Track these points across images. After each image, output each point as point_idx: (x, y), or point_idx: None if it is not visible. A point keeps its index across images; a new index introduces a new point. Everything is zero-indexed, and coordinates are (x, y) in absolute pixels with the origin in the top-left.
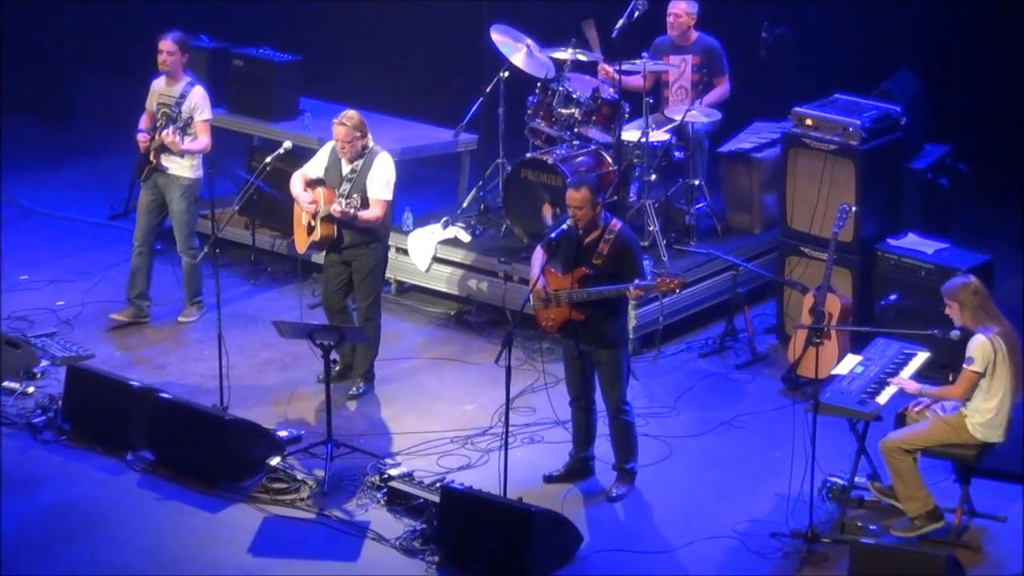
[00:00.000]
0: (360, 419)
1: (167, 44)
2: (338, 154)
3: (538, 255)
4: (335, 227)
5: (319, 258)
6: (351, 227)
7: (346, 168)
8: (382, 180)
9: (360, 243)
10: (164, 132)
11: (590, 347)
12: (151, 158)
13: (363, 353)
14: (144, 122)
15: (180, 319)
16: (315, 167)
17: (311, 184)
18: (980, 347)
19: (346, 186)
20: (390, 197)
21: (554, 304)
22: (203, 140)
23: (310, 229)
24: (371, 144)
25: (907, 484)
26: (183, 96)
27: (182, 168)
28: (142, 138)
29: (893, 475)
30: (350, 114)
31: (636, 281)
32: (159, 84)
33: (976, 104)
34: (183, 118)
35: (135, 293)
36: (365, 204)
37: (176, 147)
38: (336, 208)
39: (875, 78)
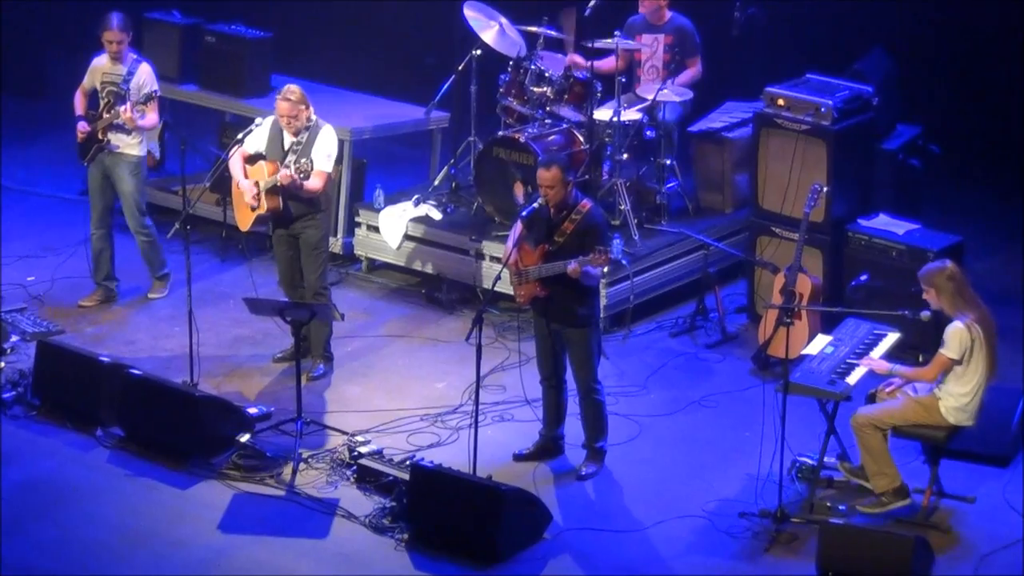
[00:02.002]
0: (330, 396)
1: (115, 34)
2: (280, 128)
3: (516, 228)
4: (280, 199)
5: None
6: (296, 198)
7: (289, 140)
8: (325, 152)
9: (306, 213)
10: (121, 108)
11: (560, 326)
12: (99, 136)
13: (317, 332)
14: (79, 104)
15: (150, 295)
16: (254, 141)
17: (250, 159)
18: (957, 334)
19: (291, 157)
20: (331, 170)
21: (524, 280)
22: (153, 117)
23: (255, 202)
24: (314, 117)
25: (876, 460)
26: (131, 73)
27: (129, 146)
28: (82, 127)
29: (863, 450)
30: (292, 88)
31: (576, 258)
32: (101, 61)
33: (948, 85)
34: (138, 94)
35: (101, 276)
36: (309, 175)
37: (132, 124)
38: (284, 174)
39: (847, 58)
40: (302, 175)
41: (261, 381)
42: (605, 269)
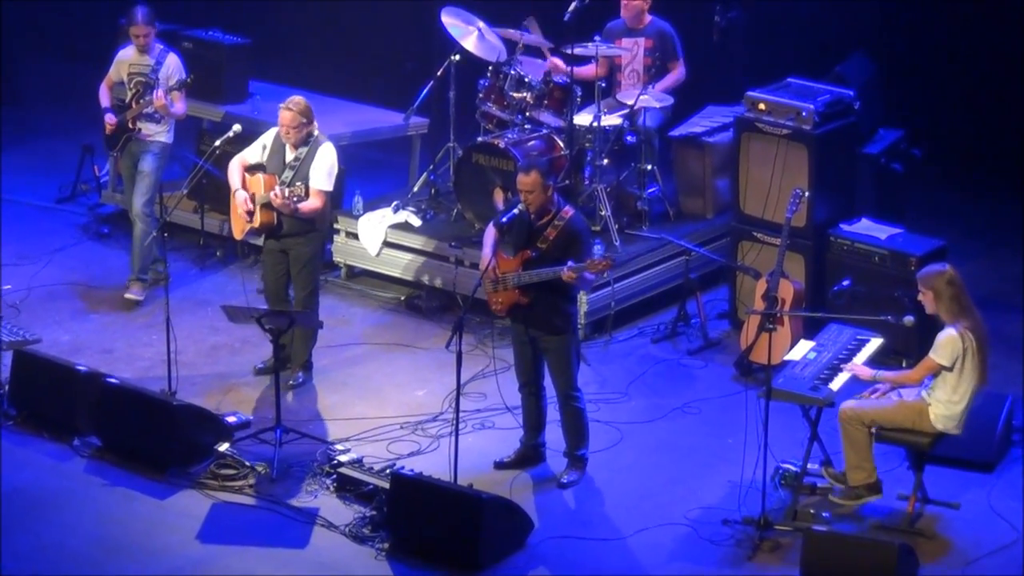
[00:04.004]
0: (309, 405)
1: (141, 28)
2: (282, 140)
3: (490, 234)
4: (275, 214)
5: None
6: (291, 216)
7: (290, 155)
8: (324, 170)
9: (298, 232)
10: (154, 95)
11: (538, 332)
12: (129, 125)
13: (302, 342)
14: (105, 96)
15: (126, 295)
16: (255, 152)
17: (250, 170)
18: (949, 342)
19: (289, 173)
20: (331, 188)
21: (502, 287)
22: (181, 105)
23: (249, 215)
24: (316, 132)
25: (857, 453)
26: (159, 63)
27: (158, 133)
28: (110, 119)
29: (845, 442)
30: (297, 99)
31: (571, 264)
32: (128, 54)
33: (930, 89)
34: (166, 83)
35: (150, 261)
36: (307, 193)
37: (165, 110)
38: (277, 194)
39: (829, 62)
40: (295, 199)
41: (240, 390)
42: (605, 275)
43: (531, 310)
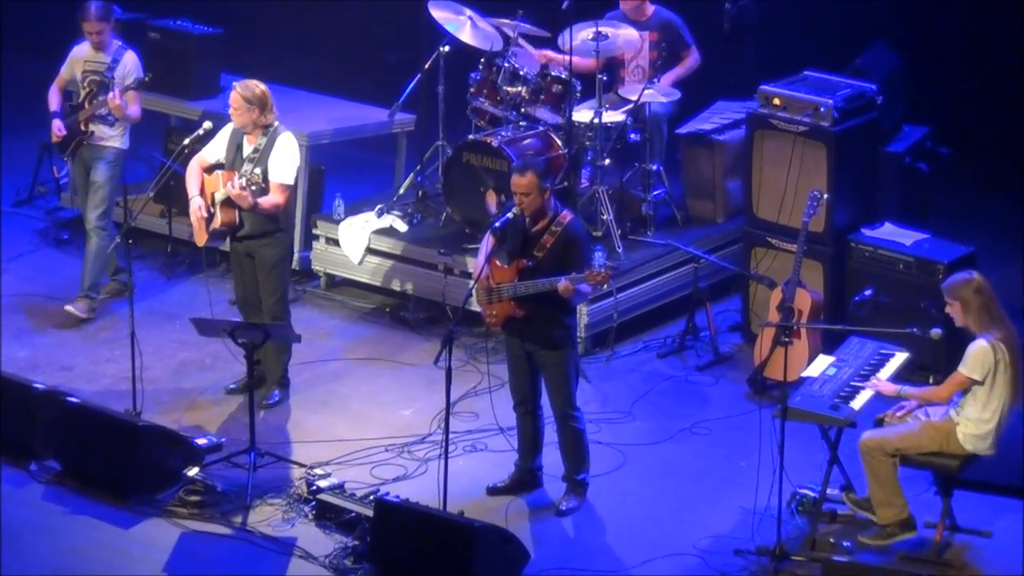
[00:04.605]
0: (286, 426)
1: (94, 24)
2: (242, 135)
3: (486, 243)
4: (236, 212)
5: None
6: (252, 211)
7: (248, 148)
8: (284, 161)
9: (262, 232)
10: (109, 96)
11: (534, 347)
12: (81, 127)
13: (274, 357)
14: (55, 99)
15: (67, 308)
16: (214, 150)
17: (209, 169)
18: (980, 353)
19: (247, 167)
20: (292, 182)
21: (496, 299)
22: (137, 108)
23: (208, 220)
24: (276, 123)
25: (884, 488)
26: (115, 61)
27: (112, 138)
28: (57, 128)
29: (869, 477)
30: (251, 83)
31: (568, 275)
32: (82, 51)
33: (958, 82)
34: (122, 83)
35: (111, 271)
36: (266, 185)
37: (120, 112)
38: (234, 185)
39: (848, 53)
40: (253, 187)
41: (211, 409)
42: (605, 287)
43: (528, 323)
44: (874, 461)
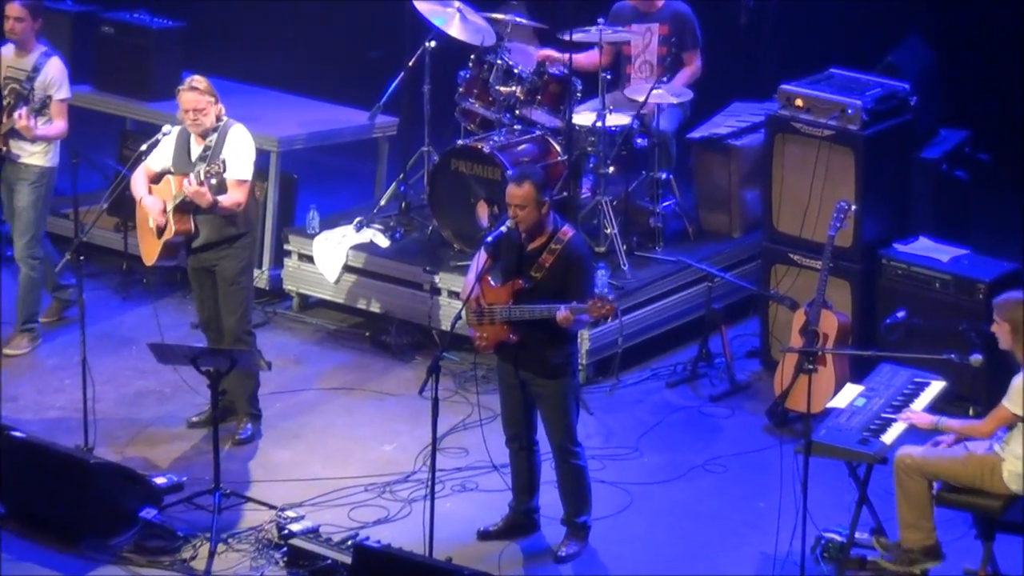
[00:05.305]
0: (254, 463)
1: (15, 9)
2: (188, 131)
3: (478, 259)
4: (192, 219)
5: None
6: (211, 215)
7: (197, 148)
8: (241, 155)
9: (222, 239)
10: (16, 114)
11: (529, 374)
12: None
13: (240, 386)
14: None
15: (6, 351)
16: (160, 157)
17: (156, 179)
18: None
19: (200, 166)
20: (250, 176)
21: (488, 320)
22: (59, 124)
23: (160, 230)
24: (225, 116)
25: (913, 510)
26: (36, 70)
27: (34, 156)
28: None
29: (899, 495)
30: (198, 78)
31: (570, 304)
32: (6, 53)
33: (1000, 80)
34: (37, 97)
35: (50, 287)
36: (223, 185)
37: (29, 133)
38: (191, 182)
39: (878, 49)
40: (212, 180)
41: (171, 444)
42: (609, 320)
43: (522, 348)
44: (908, 480)
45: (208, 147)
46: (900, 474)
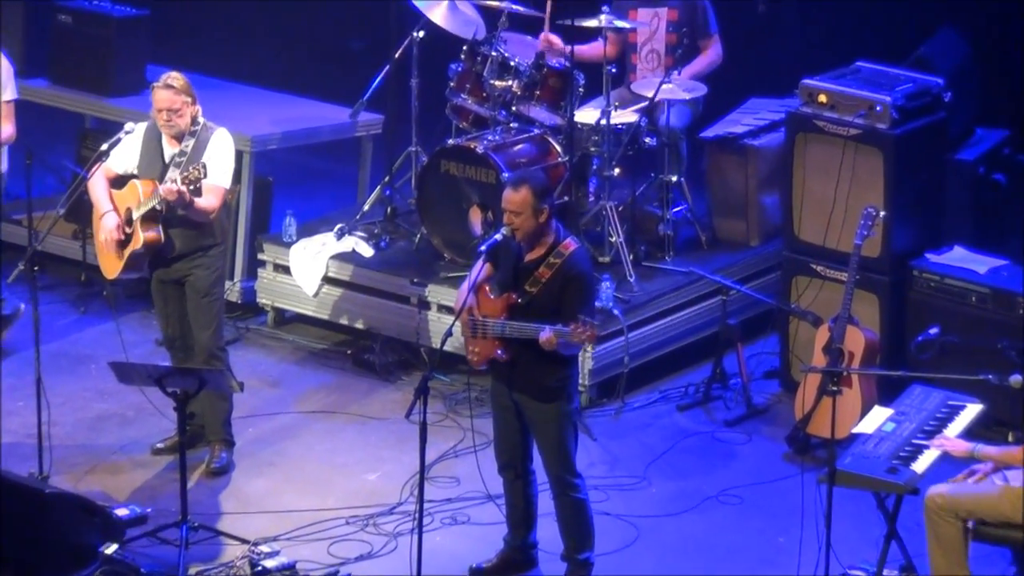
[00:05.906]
0: (225, 493)
1: None
2: (159, 131)
3: (476, 268)
4: (160, 229)
5: None
6: (183, 227)
7: (171, 150)
8: (224, 162)
9: (196, 248)
10: None
11: (522, 397)
12: None
13: (212, 409)
14: None
15: None
16: (122, 159)
17: (117, 182)
18: None
19: (173, 172)
20: (228, 185)
21: (481, 334)
22: (7, 129)
23: (124, 242)
24: (202, 119)
25: (947, 556)
26: None
27: None
28: None
29: (931, 540)
30: (175, 75)
31: (555, 327)
32: None
33: None
34: None
35: None
36: (199, 192)
37: None
38: (170, 187)
39: (909, 41)
40: (191, 186)
41: (134, 473)
42: (590, 348)
43: (514, 367)
44: (940, 522)
45: (184, 152)
46: (931, 516)
